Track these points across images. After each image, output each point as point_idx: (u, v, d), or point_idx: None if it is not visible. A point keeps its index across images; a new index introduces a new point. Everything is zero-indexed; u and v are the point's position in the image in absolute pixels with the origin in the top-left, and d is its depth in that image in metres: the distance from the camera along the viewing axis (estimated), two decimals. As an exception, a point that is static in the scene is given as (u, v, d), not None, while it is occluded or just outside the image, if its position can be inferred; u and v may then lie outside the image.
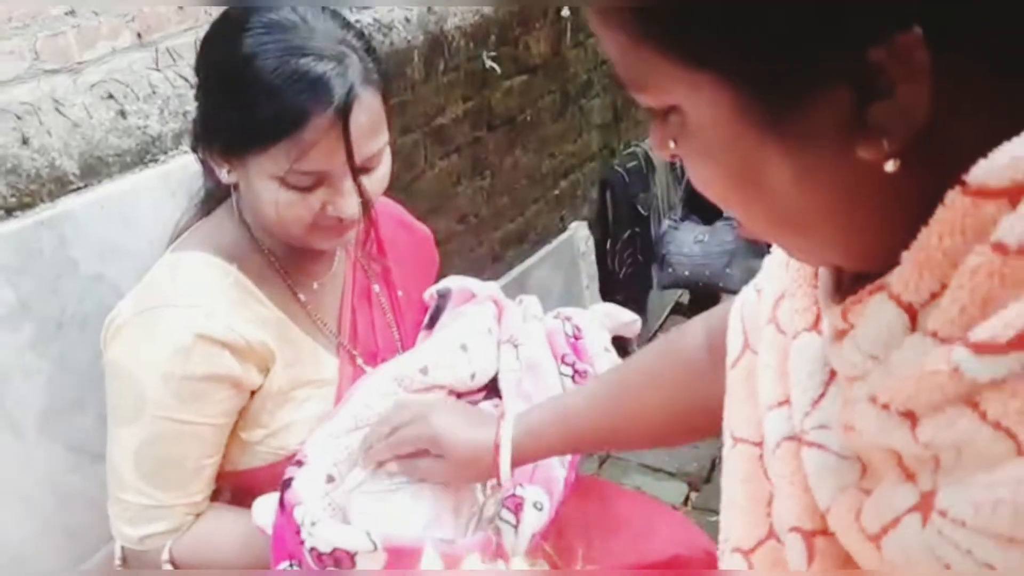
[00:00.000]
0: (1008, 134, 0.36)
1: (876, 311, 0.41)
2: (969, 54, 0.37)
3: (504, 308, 1.20)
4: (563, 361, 1.13)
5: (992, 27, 0.36)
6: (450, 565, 0.78)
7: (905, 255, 0.39)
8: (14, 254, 1.10)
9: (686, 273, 2.77)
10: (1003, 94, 0.37)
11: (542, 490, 0.94)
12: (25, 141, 1.15)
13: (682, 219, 2.83)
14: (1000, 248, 0.35)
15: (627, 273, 2.87)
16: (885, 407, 0.41)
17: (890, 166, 0.38)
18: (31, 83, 2.09)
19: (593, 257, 2.75)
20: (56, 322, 1.15)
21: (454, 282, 1.21)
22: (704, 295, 2.92)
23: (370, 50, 0.91)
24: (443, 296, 1.19)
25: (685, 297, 3.24)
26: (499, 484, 0.90)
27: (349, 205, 0.91)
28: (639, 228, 2.90)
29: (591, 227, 2.75)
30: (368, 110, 0.88)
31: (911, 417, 0.39)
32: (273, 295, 0.99)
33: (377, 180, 0.95)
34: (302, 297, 1.02)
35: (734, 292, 2.94)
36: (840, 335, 0.45)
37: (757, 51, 0.38)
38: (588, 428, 0.87)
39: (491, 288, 1.21)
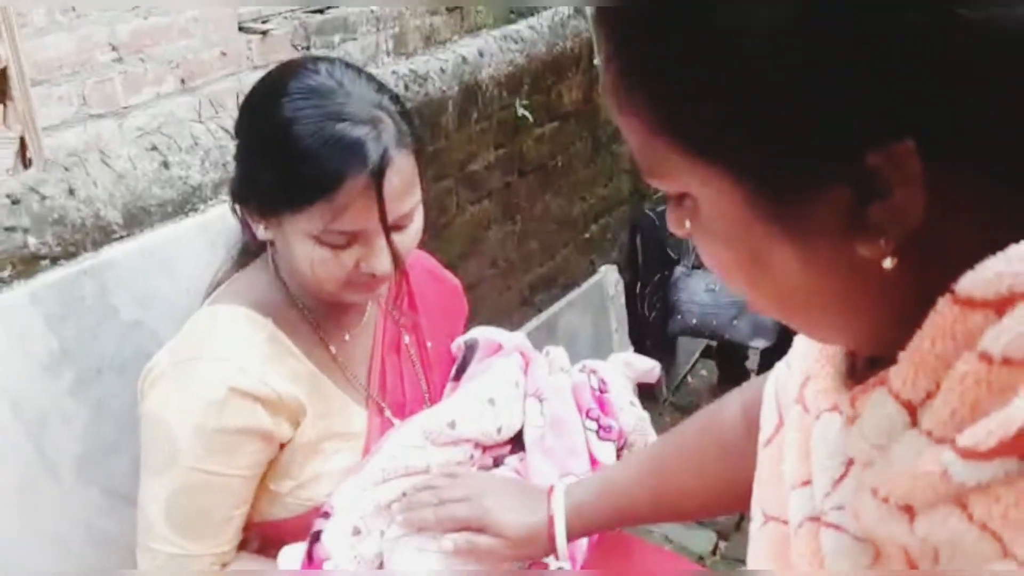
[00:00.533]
0: (1004, 239, 0.38)
1: (879, 404, 0.43)
2: (963, 163, 0.39)
3: (531, 360, 1.21)
4: (588, 416, 1.14)
5: (987, 139, 0.38)
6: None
7: (902, 355, 0.41)
8: (57, 302, 1.13)
9: (694, 322, 2.73)
10: (998, 201, 0.39)
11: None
12: (72, 192, 1.19)
13: (694, 266, 2.77)
14: (985, 357, 0.37)
15: (656, 317, 2.87)
16: (885, 500, 0.42)
17: (888, 263, 0.40)
18: (78, 128, 2.16)
19: (623, 301, 2.75)
20: (95, 368, 1.18)
21: (481, 333, 1.23)
22: (727, 343, 2.90)
23: (404, 112, 0.94)
24: (470, 347, 1.21)
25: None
26: (556, 558, 0.92)
27: (382, 262, 0.93)
28: (668, 272, 2.90)
29: (621, 271, 2.76)
30: (401, 172, 0.91)
31: (909, 511, 0.41)
32: (306, 348, 1.01)
33: (410, 237, 0.97)
34: (333, 350, 1.04)
35: (740, 344, 2.92)
36: (851, 421, 0.46)
37: (762, 149, 0.40)
38: (632, 506, 0.90)
39: (517, 339, 1.23)
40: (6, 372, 1.09)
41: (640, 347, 2.82)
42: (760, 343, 2.63)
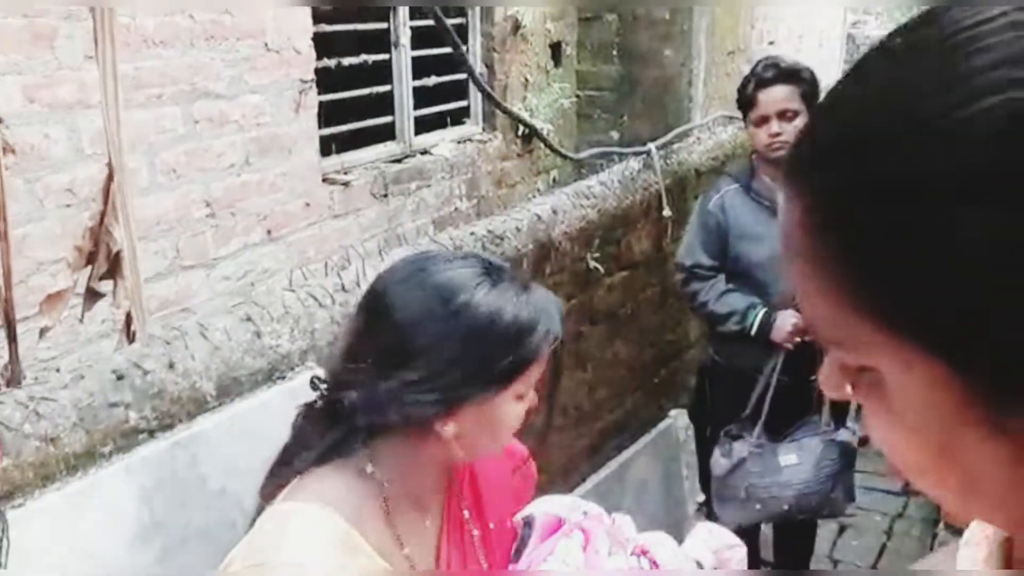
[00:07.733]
0: None
1: None
2: None
3: (592, 537, 1.19)
4: None
5: None
6: None
7: None
8: (151, 475, 1.18)
9: (785, 507, 2.21)
10: None
11: None
12: (171, 366, 1.25)
13: (768, 440, 2.22)
14: None
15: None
16: None
17: None
18: (170, 279, 2.27)
19: (693, 446, 2.71)
20: (182, 536, 1.21)
21: (539, 508, 1.22)
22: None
23: None
24: (528, 524, 1.20)
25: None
26: None
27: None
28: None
29: (691, 416, 2.73)
30: None
31: None
32: (378, 545, 1.01)
33: None
34: (407, 552, 1.05)
35: (837, 516, 2.53)
36: None
37: (995, 345, 0.35)
38: None
39: (578, 512, 1.21)
40: (98, 545, 1.12)
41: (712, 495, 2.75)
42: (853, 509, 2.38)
